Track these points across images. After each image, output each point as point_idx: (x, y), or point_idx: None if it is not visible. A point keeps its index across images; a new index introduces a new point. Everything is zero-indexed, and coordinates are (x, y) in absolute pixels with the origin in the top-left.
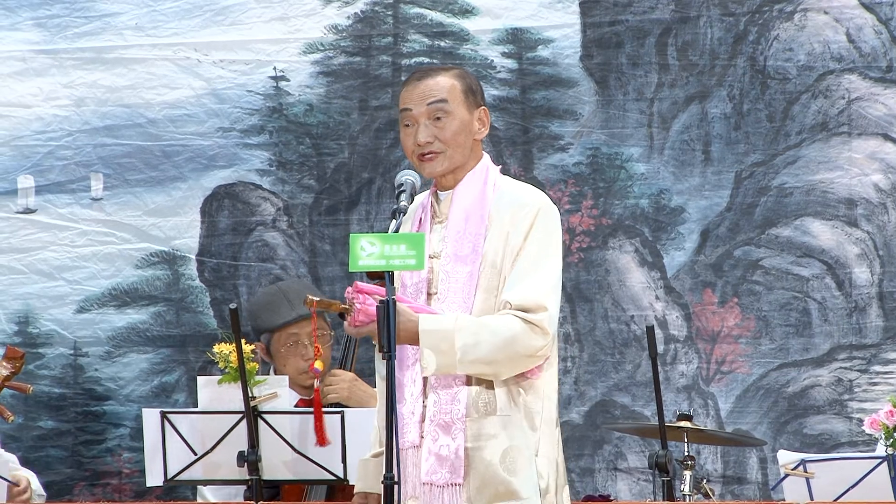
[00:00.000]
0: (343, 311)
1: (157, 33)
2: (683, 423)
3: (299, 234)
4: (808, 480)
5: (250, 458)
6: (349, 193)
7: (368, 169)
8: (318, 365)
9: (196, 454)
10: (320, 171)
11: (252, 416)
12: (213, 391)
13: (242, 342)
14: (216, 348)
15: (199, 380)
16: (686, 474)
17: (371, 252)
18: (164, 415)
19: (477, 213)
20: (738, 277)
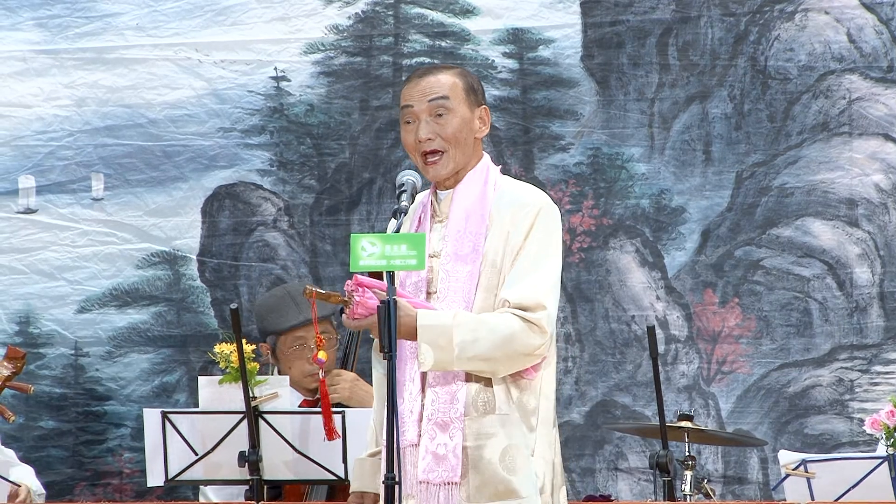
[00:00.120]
0: (342, 304)
1: (158, 33)
2: (684, 424)
3: (300, 235)
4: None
5: (251, 458)
6: (350, 193)
7: (369, 169)
8: (322, 355)
9: (197, 454)
10: (321, 171)
11: (253, 416)
12: (214, 391)
13: (243, 342)
14: (217, 348)
15: (199, 380)
16: (687, 474)
17: (372, 252)
18: (165, 415)
19: (478, 212)
20: (739, 277)
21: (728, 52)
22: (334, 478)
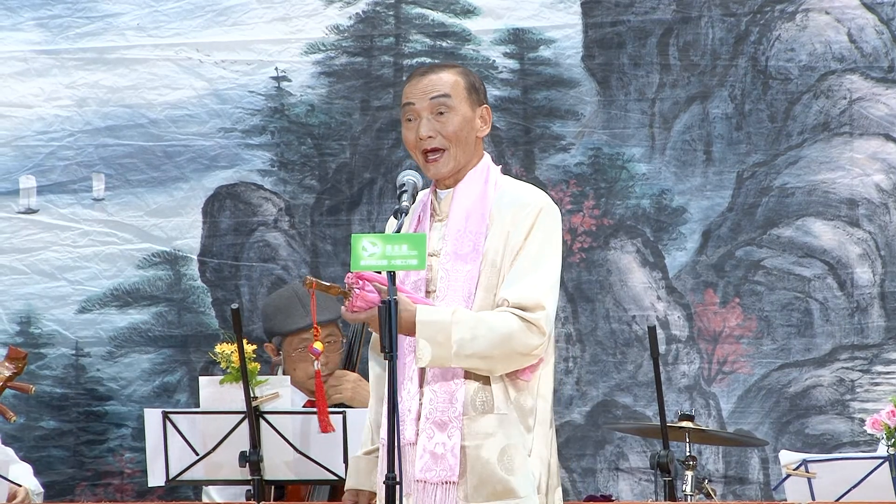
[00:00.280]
0: (342, 296)
1: (159, 34)
2: (685, 424)
3: (301, 235)
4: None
5: (252, 458)
6: (351, 194)
7: (370, 169)
8: (318, 346)
9: (198, 454)
10: (322, 171)
11: (254, 416)
12: (215, 391)
13: (244, 342)
14: (218, 348)
15: (200, 380)
16: (688, 474)
17: (373, 252)
18: (166, 415)
19: (478, 211)
20: (740, 278)
21: (729, 53)
22: (335, 478)
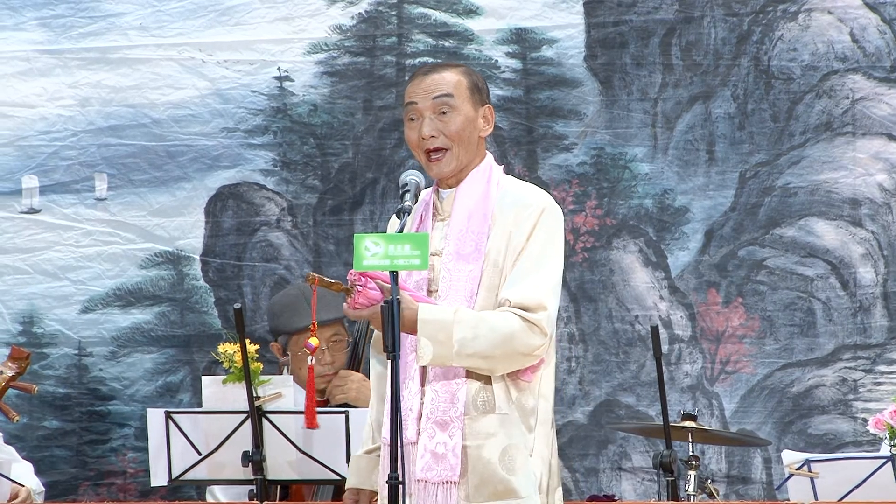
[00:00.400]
0: (344, 292)
1: (162, 33)
2: (688, 423)
3: (303, 235)
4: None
5: (255, 457)
6: (353, 193)
7: (373, 169)
8: (313, 341)
9: (200, 454)
10: (324, 171)
11: (256, 415)
12: (218, 391)
13: (247, 342)
14: (220, 348)
15: (203, 379)
16: (690, 474)
17: (375, 252)
18: (169, 415)
19: (480, 211)
20: (743, 277)
21: (731, 52)
22: (337, 477)
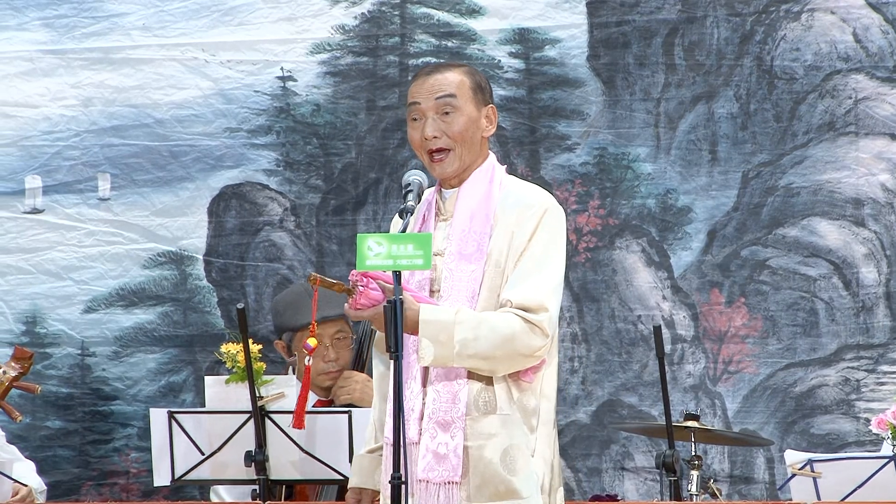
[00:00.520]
0: (346, 293)
1: (165, 33)
2: (690, 423)
3: (306, 235)
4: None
5: (257, 457)
6: (356, 193)
7: (375, 169)
8: (311, 342)
9: (203, 454)
10: (327, 171)
11: (259, 415)
12: (221, 391)
13: (250, 342)
14: (223, 348)
15: (206, 379)
16: (693, 474)
17: (378, 252)
18: (172, 414)
19: (482, 211)
20: (746, 277)
21: (734, 52)
22: (340, 477)
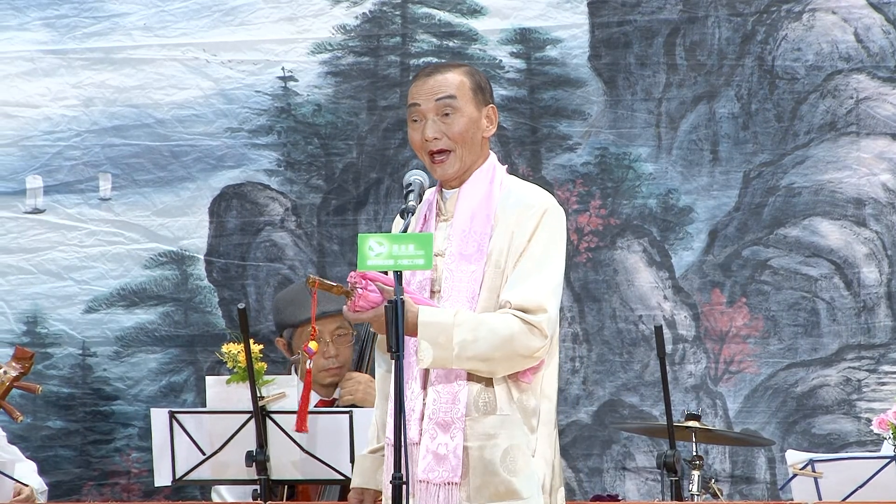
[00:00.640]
0: (344, 295)
1: (166, 34)
2: (692, 423)
3: (307, 234)
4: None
5: (259, 457)
6: (357, 193)
7: (377, 169)
8: (312, 346)
9: (204, 454)
10: (328, 171)
11: (260, 415)
12: (222, 391)
13: (251, 342)
14: (224, 348)
15: (207, 379)
16: (694, 474)
17: (379, 252)
18: (173, 414)
19: (483, 211)
20: (747, 277)
21: (735, 52)
22: (341, 477)
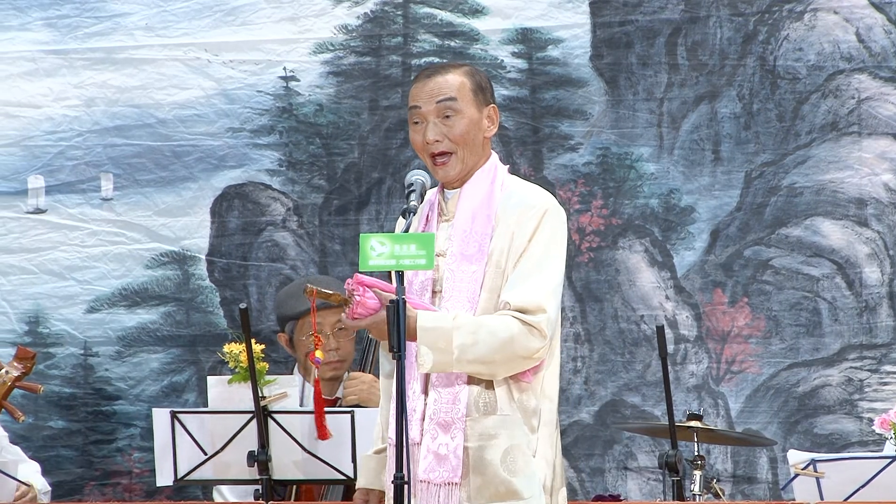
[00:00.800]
0: (342, 302)
1: (168, 34)
2: (693, 423)
3: (309, 234)
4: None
5: (260, 457)
6: (359, 193)
7: (378, 169)
8: (319, 355)
9: (206, 454)
10: (330, 171)
11: (262, 415)
12: (223, 391)
13: (252, 342)
14: (226, 348)
15: (209, 379)
16: (696, 474)
17: (381, 252)
18: (175, 414)
19: (484, 212)
20: (748, 277)
21: (737, 52)
22: (343, 477)
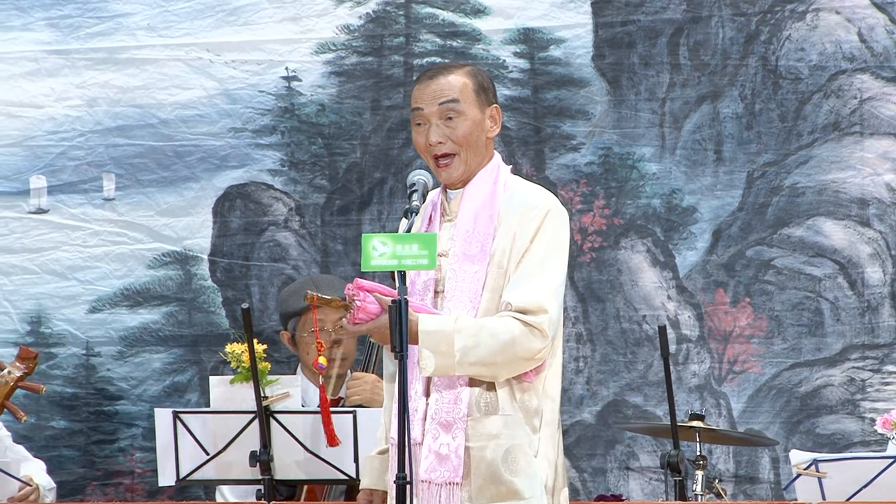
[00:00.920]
0: (343, 308)
1: (170, 34)
2: (695, 423)
3: (311, 234)
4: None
5: (262, 457)
6: (361, 193)
7: (380, 169)
8: (322, 360)
9: (208, 454)
10: (332, 171)
11: (264, 415)
12: (226, 391)
13: (254, 342)
14: (228, 348)
15: (211, 379)
16: (698, 474)
17: (383, 252)
18: (177, 414)
19: (486, 212)
20: (751, 277)
21: (739, 52)
22: (345, 477)
